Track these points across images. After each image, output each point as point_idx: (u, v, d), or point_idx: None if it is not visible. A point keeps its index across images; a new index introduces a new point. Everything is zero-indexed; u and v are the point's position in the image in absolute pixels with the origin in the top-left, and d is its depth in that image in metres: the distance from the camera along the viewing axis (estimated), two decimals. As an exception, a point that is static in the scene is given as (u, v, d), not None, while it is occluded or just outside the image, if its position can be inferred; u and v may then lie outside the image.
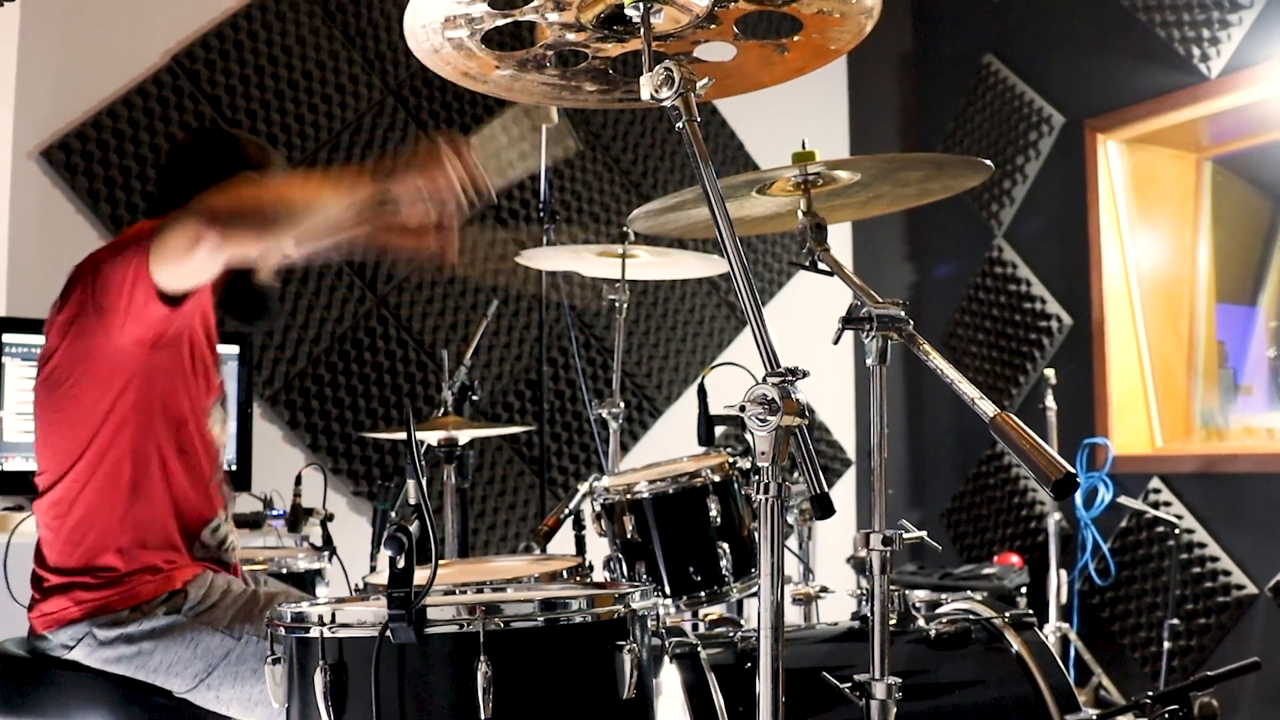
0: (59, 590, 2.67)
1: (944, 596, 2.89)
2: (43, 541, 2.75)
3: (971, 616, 2.72)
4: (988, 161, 2.51)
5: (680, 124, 1.94)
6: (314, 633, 1.96)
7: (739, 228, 2.95)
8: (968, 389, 1.98)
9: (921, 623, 2.70)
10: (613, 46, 2.22)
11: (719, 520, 2.93)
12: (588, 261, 4.09)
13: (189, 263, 2.55)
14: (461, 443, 3.73)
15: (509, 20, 2.13)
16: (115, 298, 2.61)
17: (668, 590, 2.98)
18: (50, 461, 2.77)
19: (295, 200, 2.62)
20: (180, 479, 2.78)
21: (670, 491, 3.00)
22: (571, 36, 2.20)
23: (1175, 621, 5.08)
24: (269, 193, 2.66)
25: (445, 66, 2.25)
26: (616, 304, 4.05)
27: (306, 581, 3.67)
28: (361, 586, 2.67)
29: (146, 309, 2.60)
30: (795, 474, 1.78)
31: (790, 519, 3.71)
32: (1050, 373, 5.53)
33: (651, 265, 4.13)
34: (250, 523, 4.37)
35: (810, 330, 4.32)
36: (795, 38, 2.26)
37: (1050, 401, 5.46)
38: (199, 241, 2.50)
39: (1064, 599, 5.42)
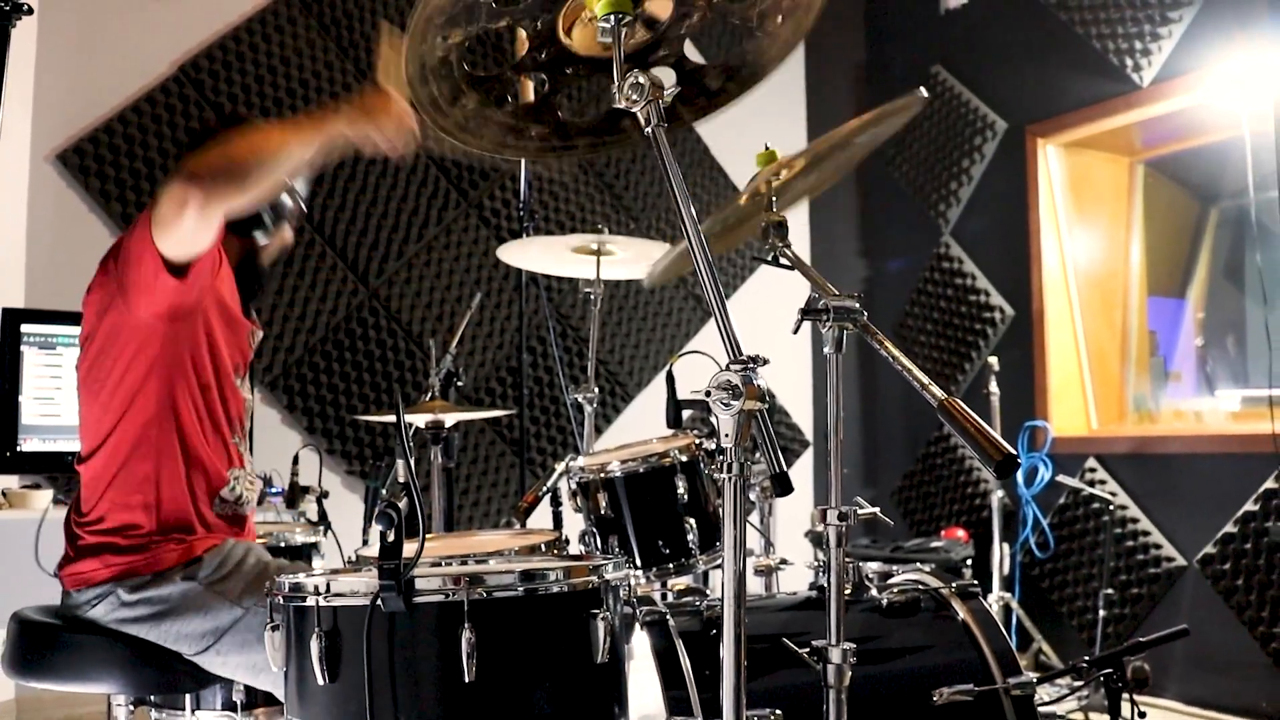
0: (91, 552, 2.67)
1: (895, 568, 2.88)
2: (81, 506, 2.75)
3: (920, 587, 2.73)
4: (921, 91, 2.50)
5: (649, 129, 1.93)
6: (310, 602, 1.97)
7: (726, 244, 2.98)
8: (917, 375, 1.99)
9: (874, 592, 2.71)
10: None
11: (686, 497, 2.92)
12: (564, 259, 4.08)
13: (182, 226, 2.53)
14: (447, 425, 3.71)
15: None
16: (130, 273, 2.61)
17: (638, 562, 2.97)
18: (88, 435, 2.76)
19: (267, 150, 2.57)
20: (202, 441, 2.77)
21: (641, 471, 2.99)
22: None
23: (1110, 591, 5.11)
24: (242, 147, 2.58)
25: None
26: (591, 296, 4.04)
27: (303, 554, 3.67)
28: (354, 559, 2.67)
29: (156, 281, 2.59)
30: (756, 454, 1.78)
31: (752, 496, 3.71)
32: (993, 360, 5.56)
33: (625, 263, 4.11)
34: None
35: (771, 321, 4.34)
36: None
37: (993, 387, 5.48)
38: (185, 204, 2.49)
39: (1006, 570, 5.45)
